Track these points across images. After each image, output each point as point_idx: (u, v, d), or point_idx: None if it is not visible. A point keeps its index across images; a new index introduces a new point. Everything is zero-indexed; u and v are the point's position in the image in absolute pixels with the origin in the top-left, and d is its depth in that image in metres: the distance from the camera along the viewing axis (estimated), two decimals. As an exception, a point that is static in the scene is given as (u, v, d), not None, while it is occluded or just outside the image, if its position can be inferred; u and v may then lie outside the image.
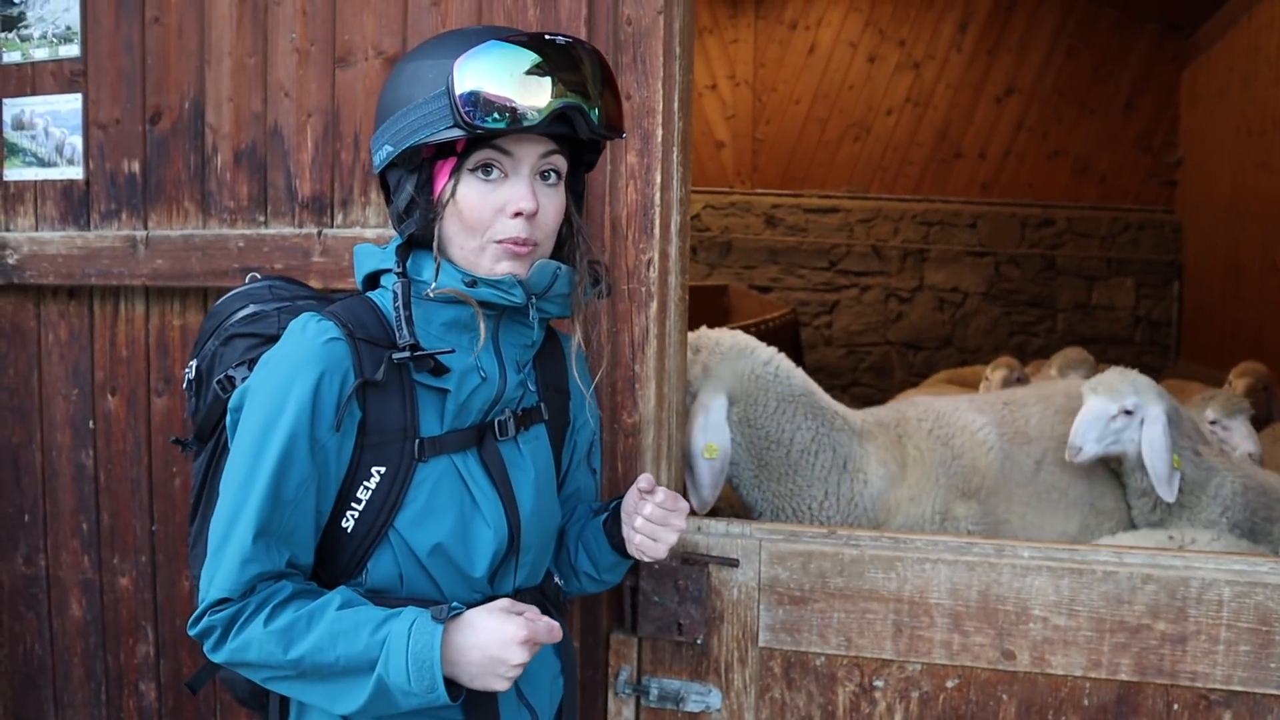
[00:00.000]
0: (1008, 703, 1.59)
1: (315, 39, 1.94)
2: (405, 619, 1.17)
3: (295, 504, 1.20)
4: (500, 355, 1.30)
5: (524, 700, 1.33)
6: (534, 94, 1.17)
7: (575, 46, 1.22)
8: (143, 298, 2.10)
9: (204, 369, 1.40)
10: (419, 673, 1.14)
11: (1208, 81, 6.21)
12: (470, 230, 1.23)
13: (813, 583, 1.63)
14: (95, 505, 2.17)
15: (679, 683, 1.69)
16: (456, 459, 1.27)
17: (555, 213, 1.27)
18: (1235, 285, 5.37)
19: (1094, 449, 2.17)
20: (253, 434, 1.20)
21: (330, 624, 1.17)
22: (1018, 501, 2.24)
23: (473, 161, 1.22)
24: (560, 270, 1.27)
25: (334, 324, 1.23)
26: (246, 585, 1.18)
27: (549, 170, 1.26)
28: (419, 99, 1.20)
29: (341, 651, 1.16)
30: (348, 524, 1.24)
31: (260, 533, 1.18)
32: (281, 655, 1.16)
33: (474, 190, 1.22)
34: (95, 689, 2.22)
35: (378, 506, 1.23)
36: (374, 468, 1.23)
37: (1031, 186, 7.56)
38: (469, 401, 1.27)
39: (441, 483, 1.25)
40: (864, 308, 7.95)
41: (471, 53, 1.18)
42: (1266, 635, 1.50)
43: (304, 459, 1.19)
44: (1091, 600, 1.54)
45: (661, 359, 1.73)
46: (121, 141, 2.08)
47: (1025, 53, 7.57)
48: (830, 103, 8.09)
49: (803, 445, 2.08)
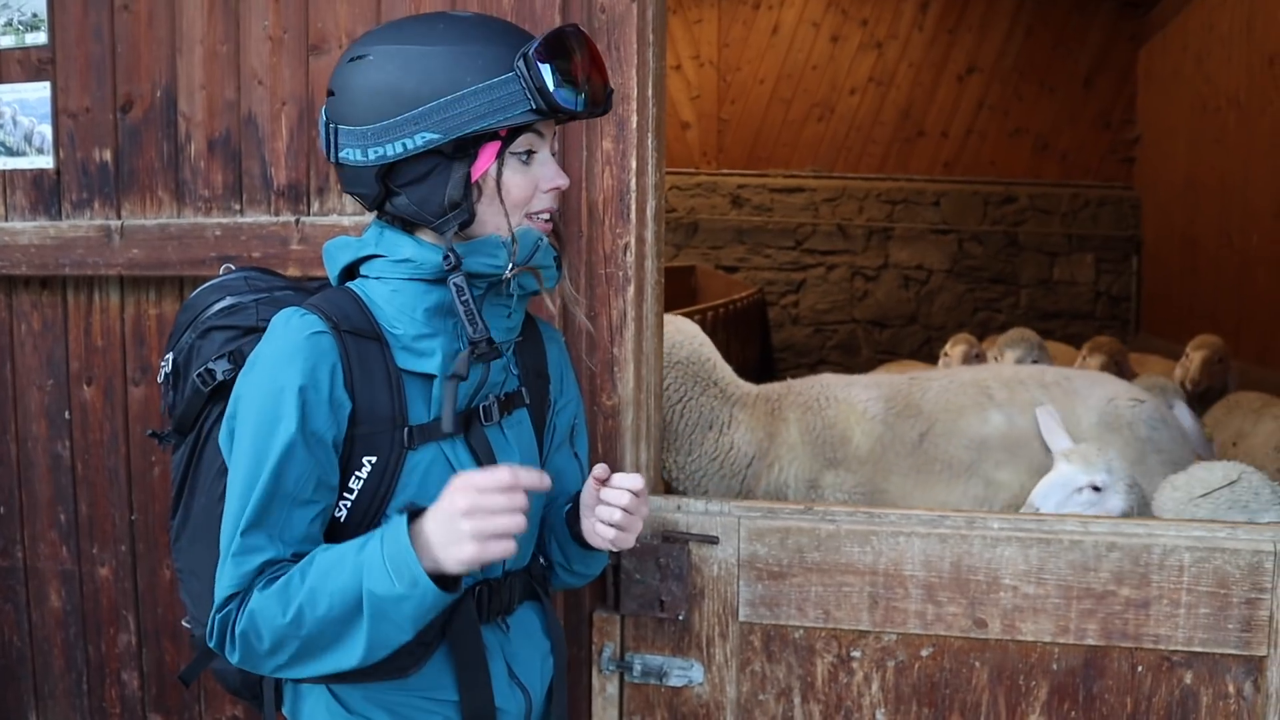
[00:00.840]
0: (980, 669, 1.65)
1: (288, 27, 1.93)
2: (378, 533, 1.15)
3: (295, 497, 1.20)
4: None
5: (515, 679, 1.35)
6: (586, 76, 1.26)
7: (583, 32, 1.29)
8: (117, 287, 2.09)
9: (181, 362, 1.39)
10: (397, 570, 1.11)
11: (1163, 59, 6.32)
12: (514, 209, 1.27)
13: (791, 558, 1.68)
14: (73, 496, 2.17)
15: (662, 658, 1.73)
16: (445, 446, 1.28)
17: None
18: (1192, 260, 5.49)
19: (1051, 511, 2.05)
20: (251, 437, 1.20)
21: (318, 566, 1.15)
22: (897, 472, 2.32)
23: (519, 145, 1.25)
24: (542, 241, 1.28)
25: (318, 317, 1.23)
26: (252, 574, 1.17)
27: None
28: (472, 85, 1.19)
29: (333, 586, 1.13)
30: (340, 514, 1.25)
31: (261, 526, 1.18)
32: (282, 617, 1.14)
33: (517, 173, 1.26)
34: (76, 679, 2.22)
35: (369, 495, 1.24)
36: (365, 457, 1.23)
37: (993, 164, 7.66)
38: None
39: (431, 470, 1.26)
40: (830, 286, 8.03)
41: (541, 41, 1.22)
42: (1224, 598, 1.57)
43: (302, 454, 1.19)
44: (1059, 568, 1.60)
45: (639, 341, 1.76)
46: (92, 130, 2.07)
47: (985, 32, 7.65)
48: (794, 82, 8.13)
49: (670, 403, 2.31)
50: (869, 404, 2.38)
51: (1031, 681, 1.64)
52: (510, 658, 1.35)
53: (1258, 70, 4.49)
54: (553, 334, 1.48)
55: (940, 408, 2.38)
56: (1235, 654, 1.57)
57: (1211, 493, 1.84)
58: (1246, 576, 1.56)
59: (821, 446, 2.31)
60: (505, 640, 1.35)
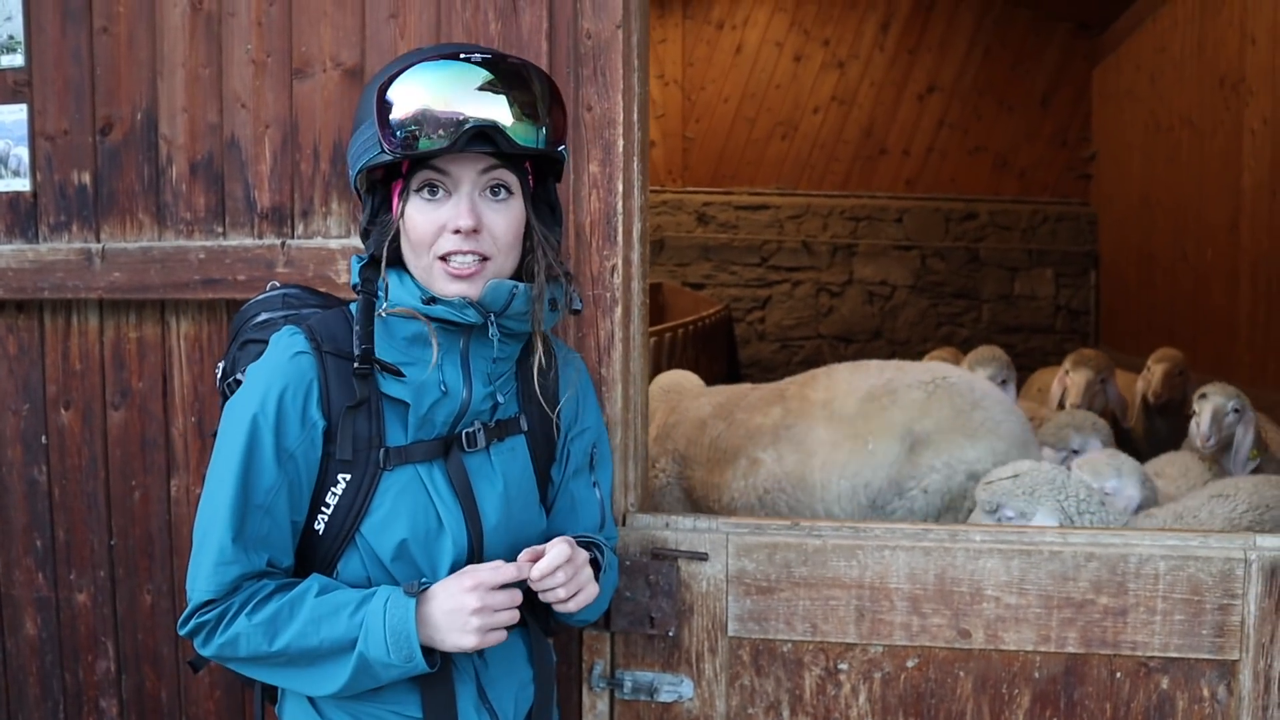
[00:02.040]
0: (964, 679, 1.68)
1: (271, 50, 1.94)
2: (380, 597, 1.25)
3: (267, 509, 1.27)
4: (468, 368, 1.32)
5: (486, 703, 1.36)
6: (452, 112, 1.22)
7: (496, 61, 1.26)
8: (96, 310, 2.07)
9: (228, 369, 1.47)
10: (397, 644, 1.22)
11: (1118, 80, 6.49)
12: (417, 249, 1.29)
13: (778, 573, 1.70)
14: (49, 521, 2.14)
15: (652, 674, 1.75)
16: (421, 469, 1.31)
17: (506, 227, 1.28)
18: (1149, 274, 5.63)
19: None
20: (227, 442, 1.28)
21: (311, 610, 1.24)
22: (699, 462, 2.64)
23: (416, 182, 1.27)
24: (518, 289, 1.29)
25: (304, 337, 1.30)
26: (230, 586, 1.26)
27: (496, 185, 1.28)
28: (363, 124, 1.27)
29: (325, 635, 1.23)
30: (319, 526, 1.31)
31: (236, 536, 1.25)
32: (267, 646, 1.24)
33: (419, 210, 1.28)
34: (52, 708, 2.19)
35: (344, 511, 1.30)
36: (340, 475, 1.29)
37: (954, 181, 7.81)
38: (430, 414, 1.31)
39: (405, 492, 1.30)
40: (795, 302, 8.12)
41: (393, 78, 1.24)
42: (1198, 605, 1.62)
43: (271, 467, 1.26)
44: (1039, 579, 1.64)
45: (627, 362, 1.78)
46: (70, 153, 2.06)
47: (945, 52, 7.81)
48: (758, 101, 8.23)
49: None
50: (705, 406, 2.75)
51: (1014, 689, 1.67)
52: (485, 682, 1.37)
53: (1209, 91, 4.64)
54: (571, 358, 1.48)
55: (743, 408, 2.65)
56: (1209, 659, 1.62)
57: (996, 481, 2.06)
58: (1219, 583, 1.61)
59: (665, 439, 2.73)
60: (481, 664, 1.37)
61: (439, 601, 1.25)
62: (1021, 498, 2.01)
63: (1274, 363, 3.91)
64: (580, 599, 1.32)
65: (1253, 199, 4.12)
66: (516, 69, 1.27)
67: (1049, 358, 7.44)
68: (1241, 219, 4.21)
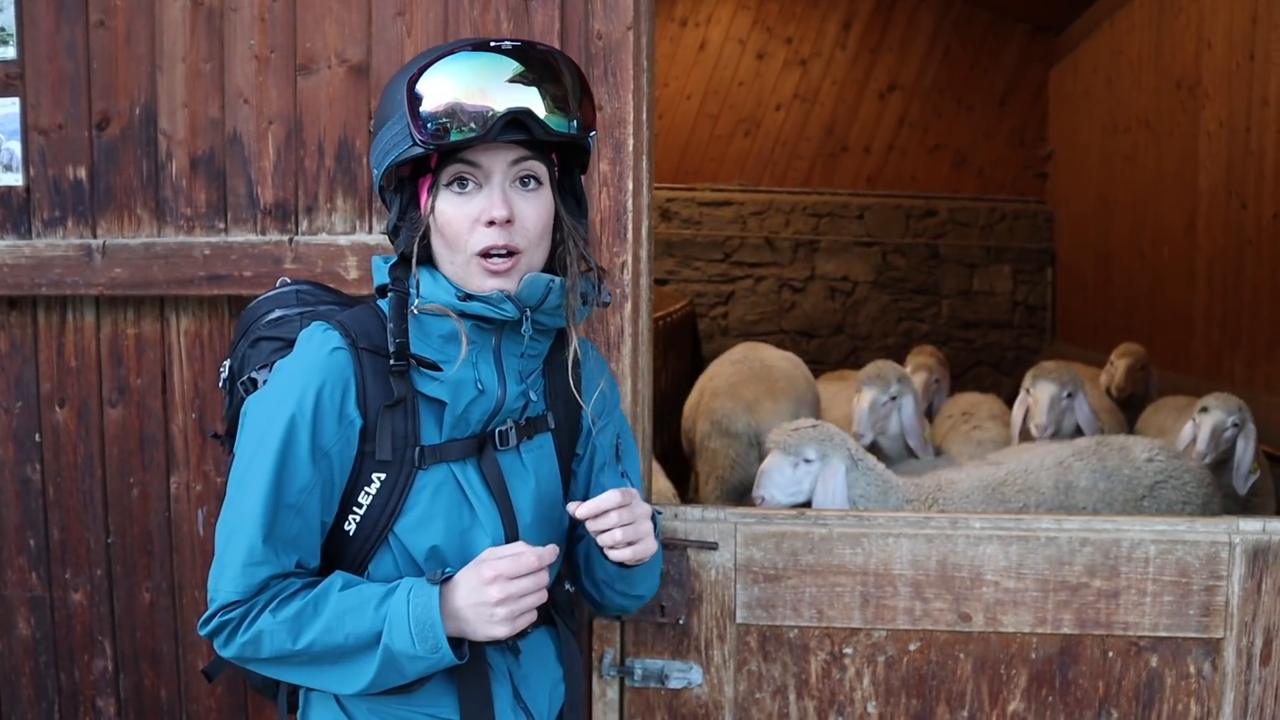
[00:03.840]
0: (964, 661, 1.75)
1: (275, 46, 1.94)
2: (403, 588, 1.23)
3: (299, 509, 1.24)
4: (501, 366, 1.31)
5: (521, 703, 1.35)
6: (485, 102, 1.20)
7: (528, 48, 1.25)
8: (93, 307, 2.06)
9: (235, 369, 1.43)
10: (422, 635, 1.20)
11: (1075, 81, 6.66)
12: (452, 245, 1.26)
13: (785, 561, 1.75)
14: (44, 520, 2.12)
15: (661, 662, 1.79)
16: (455, 468, 1.30)
17: (537, 218, 1.27)
18: (1106, 271, 5.79)
19: (783, 499, 2.26)
20: (258, 440, 1.25)
21: (335, 605, 1.22)
22: None
23: (445, 176, 1.25)
24: (554, 283, 1.28)
25: (339, 333, 1.27)
26: (257, 587, 1.23)
27: (526, 176, 1.27)
28: (390, 118, 1.25)
29: (349, 630, 1.21)
30: (350, 527, 1.29)
31: (267, 536, 1.22)
32: (291, 644, 1.21)
33: (450, 204, 1.25)
34: (47, 709, 2.17)
35: (378, 511, 1.27)
36: (375, 474, 1.27)
37: (914, 179, 7.94)
38: (466, 413, 1.29)
39: (441, 490, 1.29)
40: (758, 298, 8.20)
41: (422, 70, 1.22)
42: (1186, 586, 1.70)
43: (306, 466, 1.23)
44: (1037, 564, 1.71)
45: (636, 357, 1.82)
46: (65, 147, 2.04)
47: (906, 51, 7.93)
48: (721, 98, 8.29)
49: None
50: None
51: (1012, 670, 1.74)
52: (519, 681, 1.36)
53: (1165, 94, 4.78)
54: (591, 351, 1.48)
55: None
56: (1196, 637, 1.71)
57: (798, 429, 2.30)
58: (1205, 566, 1.69)
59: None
60: (514, 664, 1.35)
61: (462, 592, 1.23)
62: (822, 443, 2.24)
63: (1229, 358, 4.06)
64: (639, 549, 1.27)
65: (1209, 200, 4.26)
66: (545, 57, 1.26)
67: (1006, 352, 7.62)
68: (1199, 218, 4.36)
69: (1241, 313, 3.93)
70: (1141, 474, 2.13)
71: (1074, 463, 2.16)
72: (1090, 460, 2.16)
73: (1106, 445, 2.20)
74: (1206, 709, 1.72)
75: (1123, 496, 2.12)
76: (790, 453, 2.23)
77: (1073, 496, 2.13)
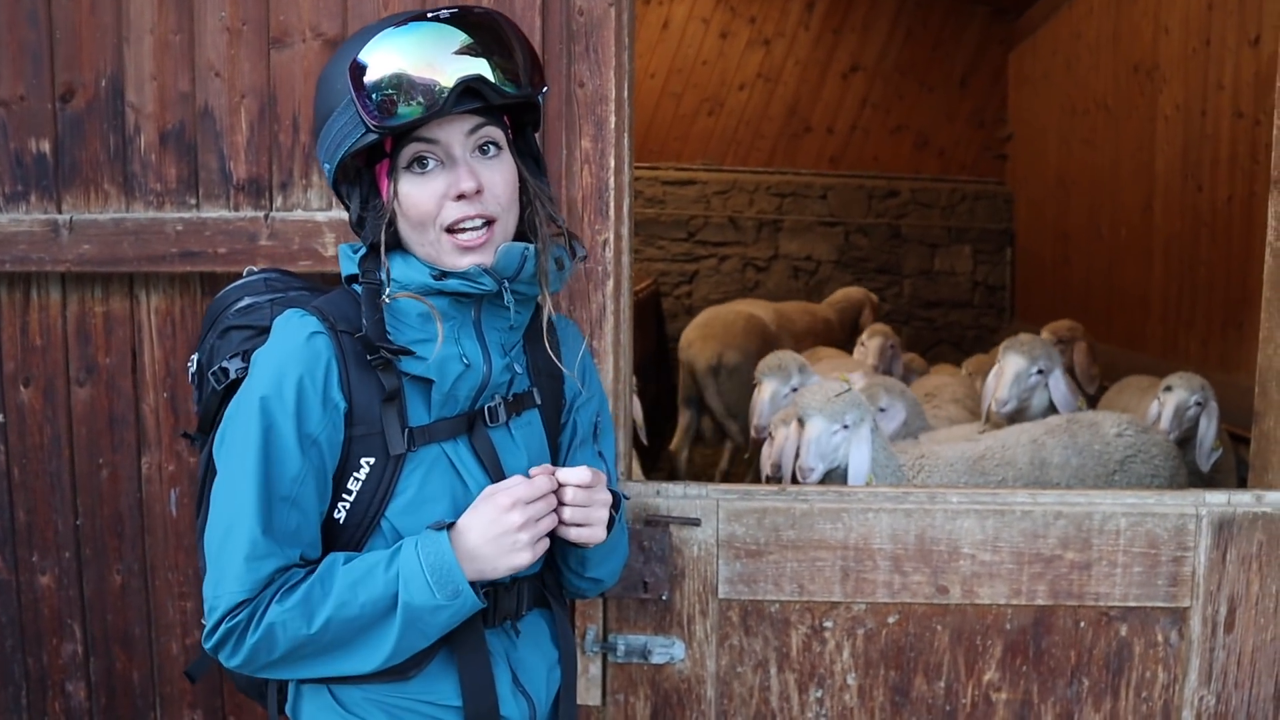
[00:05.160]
0: (941, 632, 1.78)
1: (247, 18, 1.90)
2: (409, 544, 1.19)
3: (295, 501, 1.20)
4: (484, 340, 1.29)
5: (520, 688, 1.34)
6: (433, 74, 1.16)
7: (466, 13, 1.21)
8: (59, 284, 2.01)
9: (204, 361, 1.38)
10: (440, 582, 1.16)
11: (1034, 64, 6.74)
12: (421, 226, 1.23)
13: (767, 536, 1.77)
14: (9, 502, 2.07)
15: (644, 637, 1.80)
16: (447, 447, 1.27)
17: (504, 183, 1.25)
18: (1064, 251, 5.89)
19: (823, 468, 2.24)
20: (242, 435, 1.20)
21: (343, 578, 1.18)
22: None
23: (404, 158, 1.21)
24: (528, 251, 1.26)
25: (316, 318, 1.24)
26: (264, 581, 1.18)
27: (486, 143, 1.24)
28: (335, 108, 1.20)
29: (364, 599, 1.17)
30: (340, 515, 1.25)
31: (267, 529, 1.18)
32: (307, 628, 1.16)
33: (413, 186, 1.22)
34: (15, 693, 2.13)
35: (368, 497, 1.24)
36: (363, 458, 1.24)
37: (876, 160, 8.00)
38: (454, 390, 1.27)
39: (433, 471, 1.26)
40: (722, 277, 8.22)
41: (364, 50, 1.17)
42: (1154, 557, 1.74)
43: (295, 455, 1.20)
44: (1012, 537, 1.75)
45: (617, 334, 1.82)
46: (27, 120, 1.98)
47: (868, 32, 7.97)
48: (684, 77, 8.27)
49: None
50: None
51: (988, 641, 1.78)
52: (516, 665, 1.34)
53: (1124, 77, 4.86)
54: (569, 326, 1.47)
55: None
56: (1163, 607, 1.76)
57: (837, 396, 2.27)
58: (1173, 537, 1.74)
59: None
60: (511, 647, 1.34)
61: (477, 531, 1.19)
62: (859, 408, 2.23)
63: (1184, 337, 4.16)
64: (585, 533, 1.27)
65: (1165, 181, 4.35)
66: (484, 19, 1.22)
67: (967, 331, 7.72)
68: (1155, 200, 4.45)
69: (1197, 293, 4.02)
70: (1111, 449, 2.18)
71: (1046, 439, 2.21)
72: (1062, 437, 2.21)
73: (1077, 422, 2.25)
74: (1173, 675, 1.77)
75: (1094, 471, 2.17)
76: (835, 419, 2.21)
77: (1047, 472, 2.17)
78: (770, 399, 2.74)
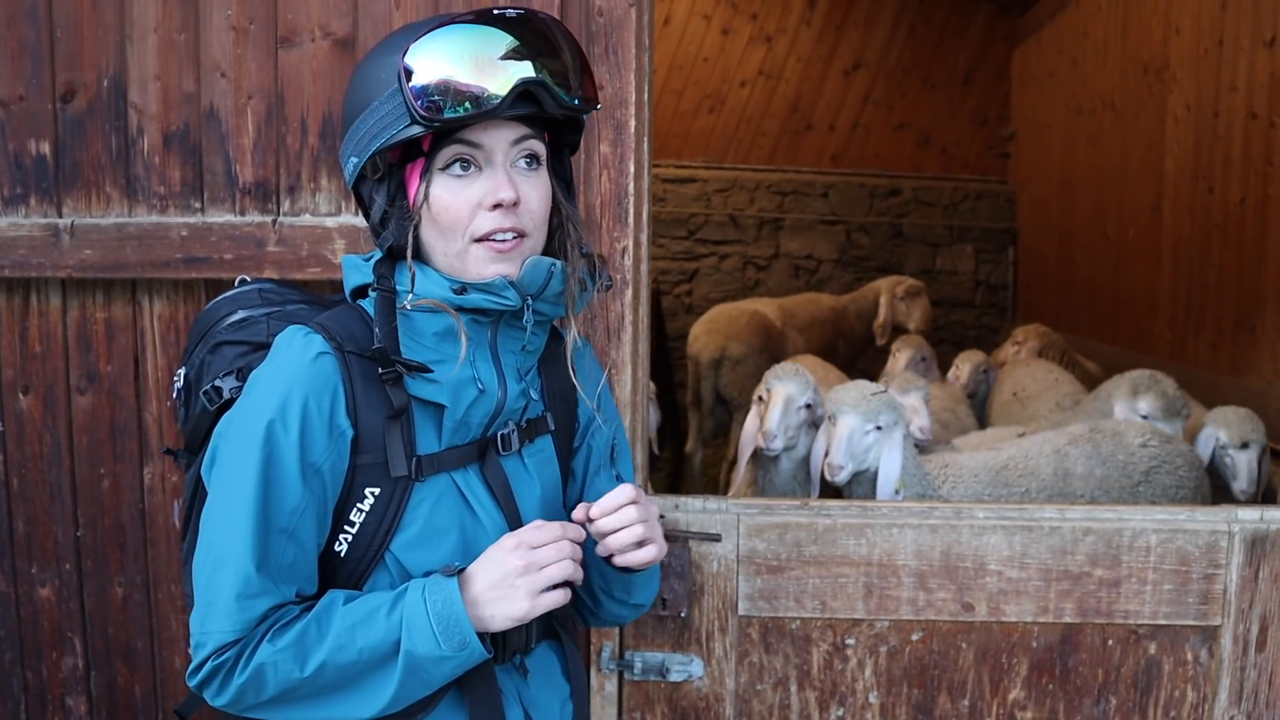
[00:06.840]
0: (966, 650, 1.74)
1: (254, 17, 1.85)
2: (415, 589, 1.13)
3: (293, 534, 1.13)
4: (499, 364, 1.23)
5: None
6: (492, 75, 1.11)
7: (529, 18, 1.16)
8: (59, 289, 1.96)
9: (192, 378, 1.31)
10: (447, 633, 1.10)
11: (1039, 62, 6.69)
12: (449, 232, 1.16)
13: (789, 552, 1.73)
14: (7, 513, 2.02)
15: (662, 655, 1.76)
16: (457, 476, 1.21)
17: (540, 200, 1.19)
18: (1068, 251, 5.85)
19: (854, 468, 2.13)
20: (238, 461, 1.13)
21: (342, 620, 1.11)
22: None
23: (442, 159, 1.15)
24: (555, 267, 1.20)
25: (322, 337, 1.17)
26: (255, 621, 1.11)
27: (527, 156, 1.18)
28: (377, 98, 1.14)
29: (363, 643, 1.10)
30: (341, 547, 1.18)
31: (261, 565, 1.11)
32: (300, 671, 1.09)
33: (447, 189, 1.16)
34: (13, 708, 2.08)
35: (372, 530, 1.17)
36: (368, 488, 1.16)
37: (878, 158, 7.94)
38: (467, 416, 1.21)
39: (441, 502, 1.20)
40: (723, 275, 8.16)
41: (419, 41, 1.12)
42: (1185, 574, 1.70)
43: (296, 485, 1.13)
44: (1040, 553, 1.71)
45: (635, 344, 1.77)
46: (26, 120, 1.93)
47: (870, 29, 7.91)
48: (685, 74, 8.20)
49: None
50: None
51: (1013, 659, 1.74)
52: (529, 704, 1.28)
53: (1132, 77, 4.82)
54: (588, 357, 1.41)
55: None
56: (1194, 625, 1.72)
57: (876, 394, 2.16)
58: (1205, 554, 1.70)
59: None
60: (523, 685, 1.28)
61: (481, 576, 1.13)
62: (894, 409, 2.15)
63: (1193, 340, 4.12)
64: (649, 552, 1.19)
65: (1175, 182, 4.30)
66: (544, 26, 1.17)
67: (969, 331, 7.68)
68: (1164, 201, 4.40)
69: (1207, 296, 3.99)
70: (1136, 459, 2.14)
71: (1070, 450, 2.16)
72: (1085, 447, 2.16)
73: (1100, 432, 2.20)
74: (1202, 695, 1.73)
75: (1119, 483, 2.13)
76: (869, 418, 2.13)
77: (1071, 483, 2.13)
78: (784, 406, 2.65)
